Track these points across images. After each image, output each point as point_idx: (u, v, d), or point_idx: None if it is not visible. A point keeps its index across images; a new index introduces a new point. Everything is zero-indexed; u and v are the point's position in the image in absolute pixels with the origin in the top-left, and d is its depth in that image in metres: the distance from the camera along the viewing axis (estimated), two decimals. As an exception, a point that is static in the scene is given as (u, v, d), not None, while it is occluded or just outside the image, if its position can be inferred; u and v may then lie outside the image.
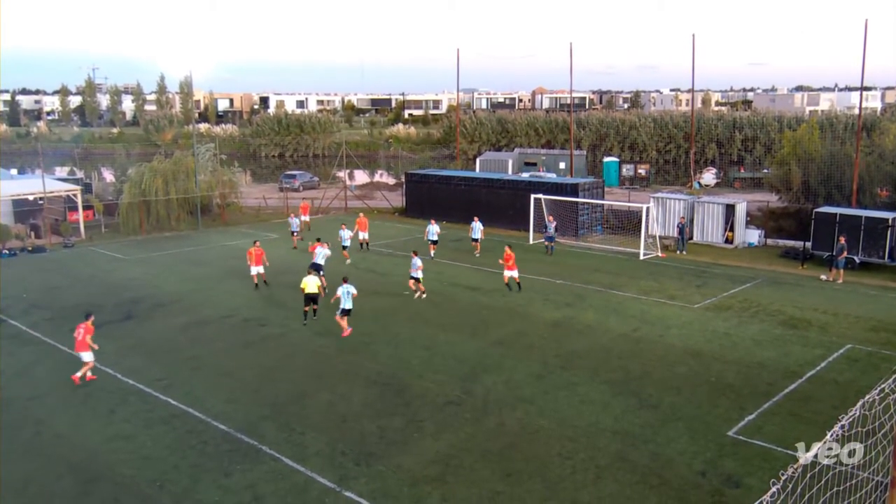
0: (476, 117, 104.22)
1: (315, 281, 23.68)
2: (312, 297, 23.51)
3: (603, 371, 19.53)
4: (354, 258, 33.34)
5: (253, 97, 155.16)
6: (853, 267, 31.52)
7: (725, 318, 24.51)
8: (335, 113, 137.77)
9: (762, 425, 16.17)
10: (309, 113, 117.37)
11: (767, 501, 5.81)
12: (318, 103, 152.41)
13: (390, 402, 17.49)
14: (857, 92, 47.68)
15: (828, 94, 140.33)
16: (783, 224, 39.94)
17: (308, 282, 23.45)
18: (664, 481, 13.75)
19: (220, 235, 40.91)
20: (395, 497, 13.23)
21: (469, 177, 47.08)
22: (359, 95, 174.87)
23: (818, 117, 79.74)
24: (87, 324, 18.90)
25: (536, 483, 13.70)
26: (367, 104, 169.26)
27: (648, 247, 35.36)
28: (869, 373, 19.15)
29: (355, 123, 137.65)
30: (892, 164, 37.15)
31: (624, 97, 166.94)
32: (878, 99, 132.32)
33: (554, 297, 27.11)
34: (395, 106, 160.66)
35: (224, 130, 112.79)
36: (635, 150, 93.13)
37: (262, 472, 14.13)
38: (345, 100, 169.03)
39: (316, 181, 65.27)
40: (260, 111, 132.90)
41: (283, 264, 31.68)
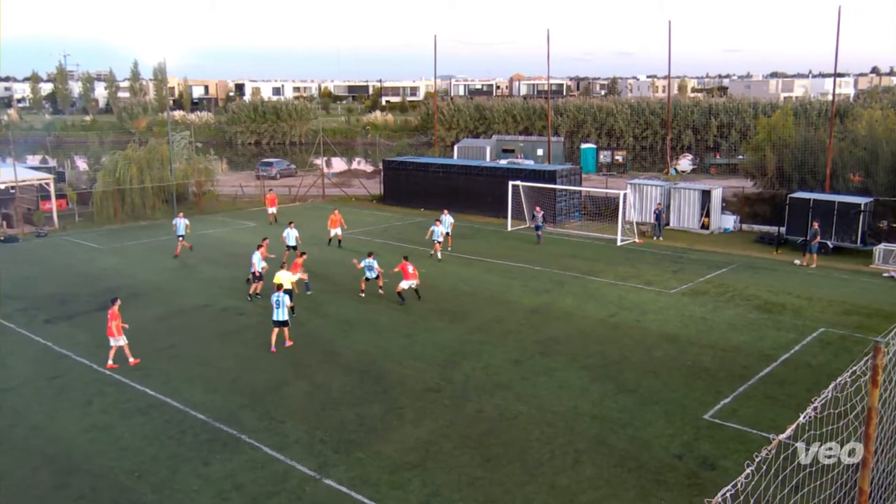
0: (454, 104, 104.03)
1: (289, 276, 22.74)
2: (286, 292, 22.29)
3: (581, 356, 19.68)
4: (328, 251, 33.12)
5: (228, 84, 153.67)
6: (826, 252, 31.95)
7: (701, 303, 24.77)
8: (312, 100, 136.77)
9: (737, 408, 16.40)
10: (285, 100, 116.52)
11: (742, 483, 5.90)
12: (294, 90, 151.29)
13: (369, 389, 17.51)
14: (831, 78, 48.22)
15: (802, 81, 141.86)
16: (758, 209, 40.40)
17: (282, 277, 22.54)
18: (641, 464, 13.91)
19: (196, 224, 40.36)
20: (374, 484, 13.27)
21: (447, 164, 47.02)
22: (335, 82, 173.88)
23: (792, 103, 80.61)
24: (113, 309, 19.00)
25: (515, 468, 13.81)
26: (343, 91, 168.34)
27: (625, 233, 35.59)
28: (841, 356, 19.46)
29: (332, 110, 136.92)
30: (864, 149, 37.60)
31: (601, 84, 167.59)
32: (851, 85, 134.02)
33: (532, 284, 27.23)
34: (373, 93, 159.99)
35: (199, 118, 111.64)
36: (612, 136, 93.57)
37: (241, 461, 14.10)
38: (321, 87, 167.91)
39: (293, 169, 64.84)
40: (236, 98, 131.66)
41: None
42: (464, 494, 12.91)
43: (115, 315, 18.91)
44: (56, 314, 23.61)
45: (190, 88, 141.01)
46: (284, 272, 22.70)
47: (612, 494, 12.91)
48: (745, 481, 5.90)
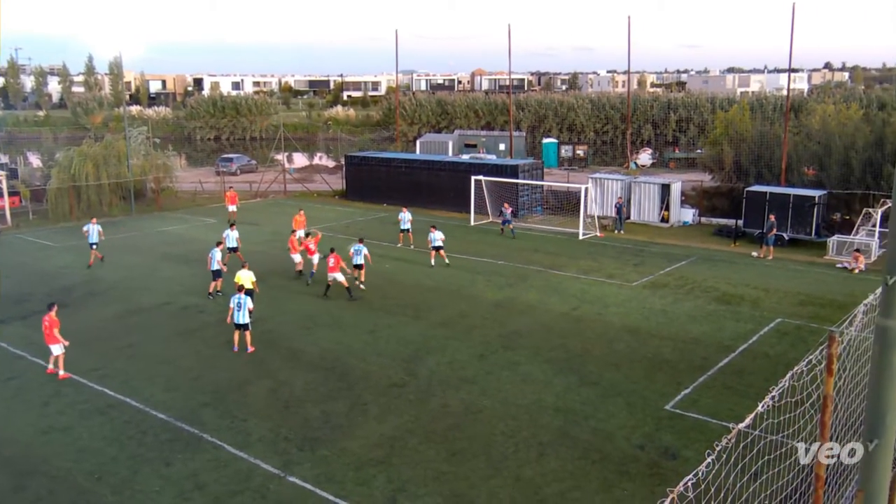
0: (416, 99, 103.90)
1: (249, 276, 22.31)
2: (246, 292, 21.40)
3: (544, 350, 19.81)
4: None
5: (187, 78, 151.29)
6: (782, 244, 32.61)
7: (662, 296, 25.10)
8: (272, 95, 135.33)
9: (697, 399, 16.66)
10: (245, 95, 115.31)
11: (703, 472, 5.99)
12: (254, 85, 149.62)
13: (334, 386, 17.42)
14: (786, 74, 49.15)
15: (758, 76, 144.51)
16: (716, 203, 41.04)
17: (242, 276, 22.18)
18: (605, 456, 14.07)
19: (155, 221, 39.90)
20: (340, 481, 13.21)
21: (409, 159, 46.93)
22: (296, 77, 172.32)
23: (749, 98, 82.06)
24: (50, 315, 18.16)
25: (480, 462, 13.86)
26: (304, 86, 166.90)
27: (587, 227, 35.90)
28: (798, 345, 19.90)
29: (293, 105, 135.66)
30: (818, 143, 38.41)
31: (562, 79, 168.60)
32: (805, 81, 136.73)
33: (496, 278, 27.33)
34: (334, 87, 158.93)
35: (157, 113, 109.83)
36: (574, 131, 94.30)
37: (203, 461, 13.93)
38: (282, 81, 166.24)
39: (254, 164, 64.14)
40: (194, 93, 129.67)
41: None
42: (429, 489, 12.93)
43: (53, 321, 18.06)
44: (11, 314, 23.04)
45: (147, 83, 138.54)
46: (245, 272, 22.30)
47: (575, 486, 13.04)
48: (705, 470, 5.99)
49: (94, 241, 29.39)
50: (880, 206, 32.08)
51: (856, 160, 35.27)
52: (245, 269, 22.50)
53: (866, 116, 40.98)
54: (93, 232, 29.34)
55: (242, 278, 21.91)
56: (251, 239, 33.68)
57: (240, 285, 21.12)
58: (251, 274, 22.40)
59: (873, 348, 5.82)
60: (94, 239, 29.40)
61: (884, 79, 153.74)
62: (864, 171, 34.99)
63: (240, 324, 19.59)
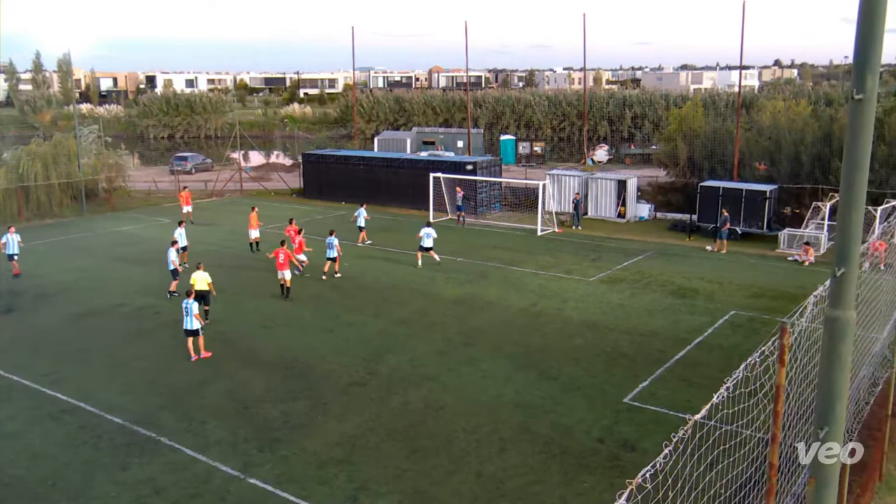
0: (373, 96, 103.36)
1: (204, 277, 21.71)
2: (200, 294, 21.15)
3: (504, 346, 19.92)
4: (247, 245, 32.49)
5: (139, 76, 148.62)
6: (735, 237, 33.26)
7: (619, 290, 25.42)
8: (227, 92, 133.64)
9: (655, 391, 16.92)
10: (199, 92, 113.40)
11: (661, 463, 6.08)
12: (208, 82, 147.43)
13: (293, 386, 17.29)
14: (737, 71, 50.05)
15: (710, 73, 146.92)
16: (671, 198, 41.70)
17: (197, 278, 21.58)
18: (565, 450, 14.21)
19: (108, 221, 39.10)
20: (300, 481, 13.13)
21: (367, 156, 46.78)
22: (252, 74, 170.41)
23: (702, 95, 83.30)
24: None
25: (442, 458, 13.89)
26: (260, 83, 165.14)
27: (545, 223, 36.17)
28: (751, 337, 20.32)
29: (248, 103, 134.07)
30: (768, 139, 39.25)
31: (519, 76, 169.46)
32: (755, 77, 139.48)
33: (455, 275, 27.38)
34: (290, 85, 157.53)
35: (108, 111, 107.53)
36: (531, 128, 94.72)
37: (161, 464, 13.71)
38: (237, 79, 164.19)
39: (209, 163, 63.22)
40: (146, 91, 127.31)
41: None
42: (391, 487, 12.92)
43: None
44: (-43, 319, 22.37)
45: (97, 81, 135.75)
46: (200, 273, 21.76)
47: (536, 480, 13.14)
48: (663, 461, 6.08)
49: (12, 253, 27.23)
50: (829, 199, 32.92)
51: (805, 155, 36.14)
52: (200, 271, 21.97)
53: (814, 113, 41.98)
54: (11, 243, 27.23)
55: (197, 280, 21.50)
56: (207, 239, 33.27)
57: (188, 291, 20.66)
58: (206, 275, 21.89)
59: (823, 338, 5.95)
60: (13, 250, 27.26)
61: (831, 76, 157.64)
62: (813, 165, 35.88)
63: (187, 330, 18.94)
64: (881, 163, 33.64)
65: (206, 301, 21.58)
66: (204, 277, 21.64)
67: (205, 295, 21.39)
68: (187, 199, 38.07)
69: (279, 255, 23.90)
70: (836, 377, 5.95)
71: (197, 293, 20.84)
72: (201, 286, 21.34)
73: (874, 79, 5.18)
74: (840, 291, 5.72)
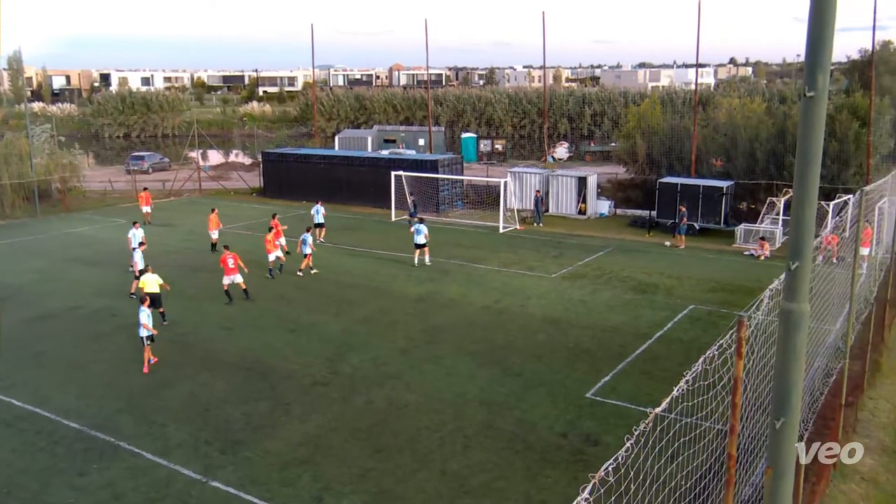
0: (333, 94, 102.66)
1: (156, 279, 21.21)
2: (153, 297, 20.65)
3: (467, 343, 19.96)
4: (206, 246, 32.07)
5: (93, 74, 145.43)
6: (693, 233, 33.78)
7: (581, 286, 25.64)
8: (184, 90, 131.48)
9: (616, 385, 17.11)
10: (156, 90, 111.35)
11: (623, 456, 6.13)
12: (165, 80, 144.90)
13: (255, 387, 17.11)
14: (693, 69, 50.79)
15: (667, 71, 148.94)
16: (630, 194, 42.18)
17: (148, 280, 21.16)
18: (529, 445, 14.29)
19: (62, 222, 38.25)
20: (264, 483, 13.00)
21: (328, 155, 46.46)
22: (209, 72, 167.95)
23: (659, 93, 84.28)
24: None
25: (406, 457, 13.87)
26: (218, 81, 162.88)
27: (507, 220, 36.33)
28: (709, 330, 20.66)
29: (206, 101, 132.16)
30: (724, 136, 39.89)
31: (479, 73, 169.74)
32: (711, 75, 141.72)
33: (417, 273, 27.36)
34: (249, 83, 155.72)
35: (61, 110, 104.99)
36: (492, 125, 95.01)
37: (120, 469, 13.47)
38: (194, 76, 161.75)
39: (167, 162, 62.24)
40: (101, 89, 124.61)
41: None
42: (355, 487, 12.87)
43: None
44: None
45: (50, 79, 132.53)
46: (150, 275, 21.31)
47: (500, 476, 13.19)
48: (625, 455, 6.14)
49: None
50: (783, 195, 33.60)
51: (760, 151, 36.84)
52: (150, 273, 21.48)
53: (769, 110, 42.75)
54: None
55: (148, 283, 21.04)
56: (166, 240, 32.74)
57: (146, 292, 20.17)
58: (157, 277, 21.44)
59: (778, 331, 6.06)
60: None
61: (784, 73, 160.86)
62: (768, 162, 36.59)
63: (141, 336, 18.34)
64: (833, 159, 34.45)
65: (159, 304, 21.18)
66: (155, 279, 21.24)
67: (157, 297, 21.01)
68: (147, 200, 37.40)
69: (227, 261, 23.41)
70: (792, 368, 6.06)
71: (150, 296, 20.40)
72: (152, 288, 20.97)
73: (825, 77, 5.29)
74: (794, 284, 5.83)
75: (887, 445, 14.30)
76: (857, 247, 13.39)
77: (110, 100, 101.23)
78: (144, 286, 21.01)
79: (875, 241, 24.30)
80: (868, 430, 14.75)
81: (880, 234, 24.02)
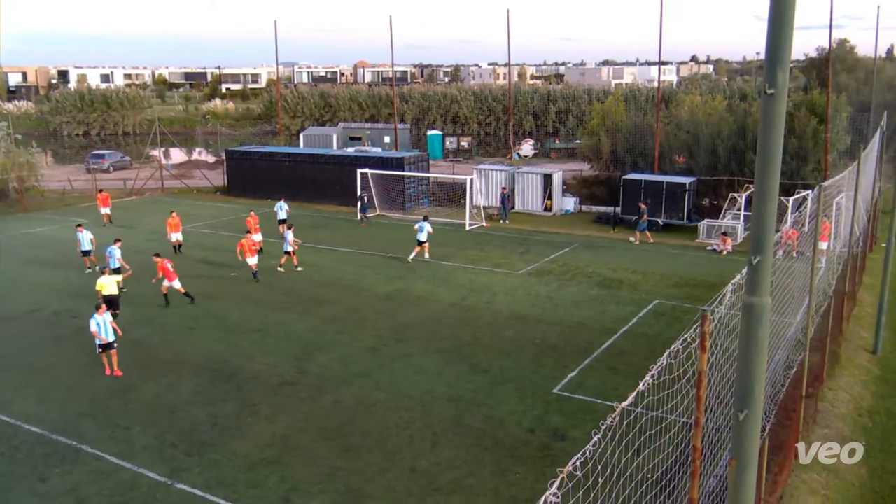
0: (297, 92, 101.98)
1: (112, 280, 20.76)
2: (111, 299, 20.33)
3: (435, 340, 19.99)
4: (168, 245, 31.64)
5: (50, 70, 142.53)
6: (657, 229, 34.18)
7: (547, 283, 25.81)
8: (145, 88, 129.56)
9: (583, 381, 17.27)
10: (116, 88, 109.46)
11: (590, 450, 6.19)
12: (125, 77, 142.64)
13: (221, 388, 16.94)
14: (656, 66, 51.35)
15: (631, 69, 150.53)
16: (595, 191, 42.55)
17: (105, 282, 20.69)
18: (497, 441, 14.36)
19: (20, 222, 37.43)
20: (231, 484, 12.89)
21: (293, 152, 46.11)
22: (171, 69, 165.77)
23: (623, 90, 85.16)
24: None
25: (375, 455, 13.85)
26: (180, 78, 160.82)
27: (473, 217, 36.42)
28: (674, 325, 20.94)
29: (168, 99, 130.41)
30: (687, 132, 40.42)
31: (444, 71, 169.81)
32: (674, 73, 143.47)
33: (385, 271, 27.31)
34: (211, 80, 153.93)
35: (18, 107, 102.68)
36: (457, 123, 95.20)
37: (83, 474, 13.25)
38: (155, 74, 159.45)
39: (128, 161, 61.20)
40: (59, 86, 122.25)
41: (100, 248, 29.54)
42: (324, 486, 12.81)
43: None
44: None
45: (5, 76, 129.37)
46: (106, 277, 20.85)
47: (469, 473, 13.24)
48: (592, 449, 6.20)
49: None
50: (744, 190, 34.16)
51: (721, 148, 37.40)
52: (106, 275, 21.03)
53: (730, 107, 43.42)
54: None
55: (106, 285, 20.59)
56: (128, 241, 32.16)
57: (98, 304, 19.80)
58: (112, 278, 21.04)
59: (741, 324, 6.18)
60: None
61: (744, 71, 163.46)
62: (730, 158, 37.16)
63: (105, 343, 17.65)
64: (792, 155, 35.13)
65: (117, 306, 20.77)
66: (112, 280, 20.84)
67: (114, 300, 20.66)
68: (105, 201, 36.56)
69: (166, 267, 22.79)
70: (754, 361, 6.18)
71: (107, 299, 20.12)
72: (111, 291, 20.58)
73: (784, 75, 5.39)
74: (756, 279, 5.95)
75: (846, 435, 14.63)
76: (816, 241, 13.67)
77: (69, 97, 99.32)
78: (103, 289, 20.53)
79: (833, 236, 24.82)
80: (828, 420, 15.09)
81: (838, 228, 24.52)
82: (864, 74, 55.95)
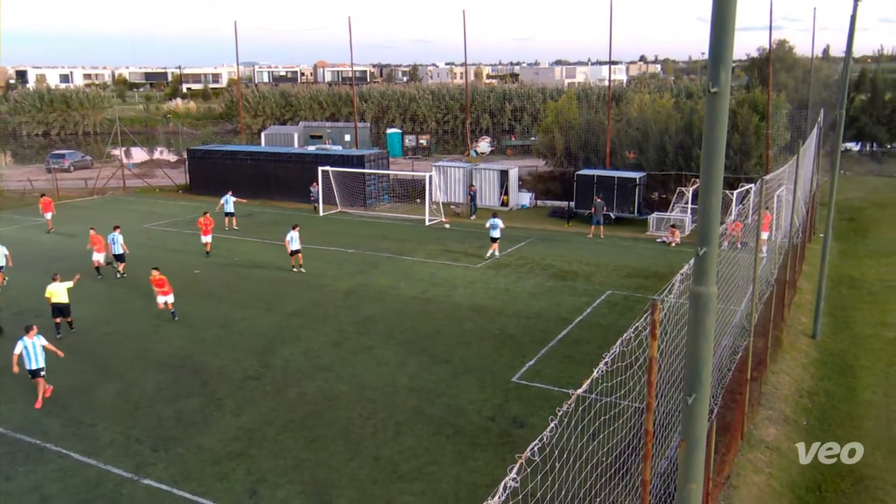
0: (258, 91, 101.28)
1: (63, 286, 20.07)
2: (61, 307, 19.99)
3: (397, 333, 20.34)
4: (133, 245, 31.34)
5: (7, 70, 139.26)
6: (609, 222, 34.97)
7: (505, 275, 26.33)
8: (105, 87, 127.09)
9: (541, 369, 17.79)
10: (76, 88, 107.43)
11: (548, 436, 6.52)
12: (85, 77, 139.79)
13: (186, 383, 17.07)
14: (607, 66, 52.24)
15: (583, 68, 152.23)
16: (550, 186, 43.32)
17: (55, 290, 19.97)
18: (458, 430, 14.77)
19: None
20: (197, 478, 13.07)
21: (255, 151, 46.02)
22: (131, 69, 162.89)
23: (575, 89, 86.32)
24: None
25: (340, 446, 14.16)
26: (140, 78, 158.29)
27: (433, 213, 36.79)
28: (626, 314, 21.62)
29: (129, 99, 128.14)
30: (636, 129, 41.35)
31: (403, 70, 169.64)
32: (623, 72, 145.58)
33: (347, 266, 27.55)
34: (172, 80, 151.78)
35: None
36: (416, 121, 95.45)
37: (48, 471, 13.31)
38: (115, 73, 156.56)
39: (89, 160, 60.26)
40: (17, 86, 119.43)
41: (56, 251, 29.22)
42: (290, 478, 13.07)
43: None
44: None
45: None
46: (57, 284, 20.10)
47: (432, 461, 13.61)
48: (550, 435, 6.53)
49: None
50: (691, 185, 35.13)
51: (669, 144, 38.40)
52: (56, 282, 20.25)
53: (677, 105, 44.44)
54: None
55: (56, 292, 19.93)
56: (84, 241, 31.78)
57: (53, 302, 19.44)
58: (63, 285, 20.30)
59: (689, 312, 6.51)
60: None
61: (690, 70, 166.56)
62: (677, 153, 38.18)
63: (34, 370, 16.12)
64: (735, 150, 36.26)
65: (68, 313, 20.33)
66: (63, 287, 20.18)
67: (66, 307, 20.18)
68: (48, 206, 34.68)
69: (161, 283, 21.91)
70: (702, 347, 6.49)
71: (56, 307, 19.84)
72: (60, 298, 20.03)
73: (727, 73, 5.74)
74: (703, 269, 6.28)
75: (788, 416, 15.40)
76: (758, 232, 14.33)
77: (28, 97, 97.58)
78: (52, 296, 19.92)
79: (774, 227, 25.79)
80: (771, 402, 15.84)
81: (779, 220, 25.47)
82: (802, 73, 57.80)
